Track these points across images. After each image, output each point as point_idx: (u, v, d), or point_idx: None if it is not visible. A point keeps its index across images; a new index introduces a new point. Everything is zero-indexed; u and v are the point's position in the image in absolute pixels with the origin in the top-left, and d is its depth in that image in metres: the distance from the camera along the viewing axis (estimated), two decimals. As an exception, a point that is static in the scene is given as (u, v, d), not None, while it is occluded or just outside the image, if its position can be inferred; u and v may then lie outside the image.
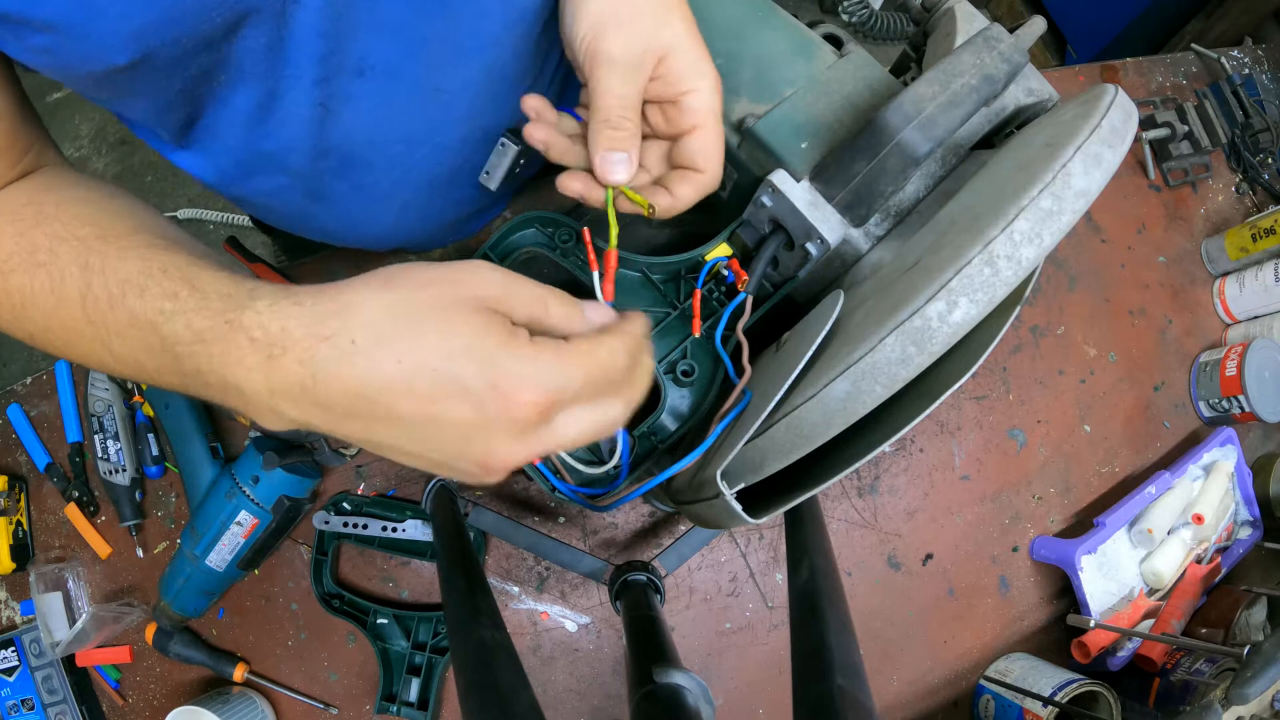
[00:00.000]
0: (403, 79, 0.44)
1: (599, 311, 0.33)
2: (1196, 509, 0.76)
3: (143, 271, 0.33)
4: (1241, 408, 0.79)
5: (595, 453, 0.48)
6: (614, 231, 0.39)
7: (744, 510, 0.37)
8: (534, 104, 0.41)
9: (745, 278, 0.46)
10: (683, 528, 0.70)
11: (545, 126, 0.41)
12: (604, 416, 0.31)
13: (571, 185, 0.41)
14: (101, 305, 0.34)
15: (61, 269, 0.35)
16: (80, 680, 0.68)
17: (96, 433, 0.67)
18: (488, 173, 0.47)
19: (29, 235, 0.36)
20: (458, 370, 0.27)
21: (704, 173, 0.40)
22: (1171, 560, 0.74)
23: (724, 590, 0.71)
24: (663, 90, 0.39)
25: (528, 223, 0.49)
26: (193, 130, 0.44)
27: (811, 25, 0.53)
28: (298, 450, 0.65)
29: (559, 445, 0.31)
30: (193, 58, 0.37)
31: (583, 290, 0.47)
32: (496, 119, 0.50)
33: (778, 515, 0.39)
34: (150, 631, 0.65)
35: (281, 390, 0.29)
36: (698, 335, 0.43)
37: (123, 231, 0.36)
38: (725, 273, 0.48)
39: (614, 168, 0.39)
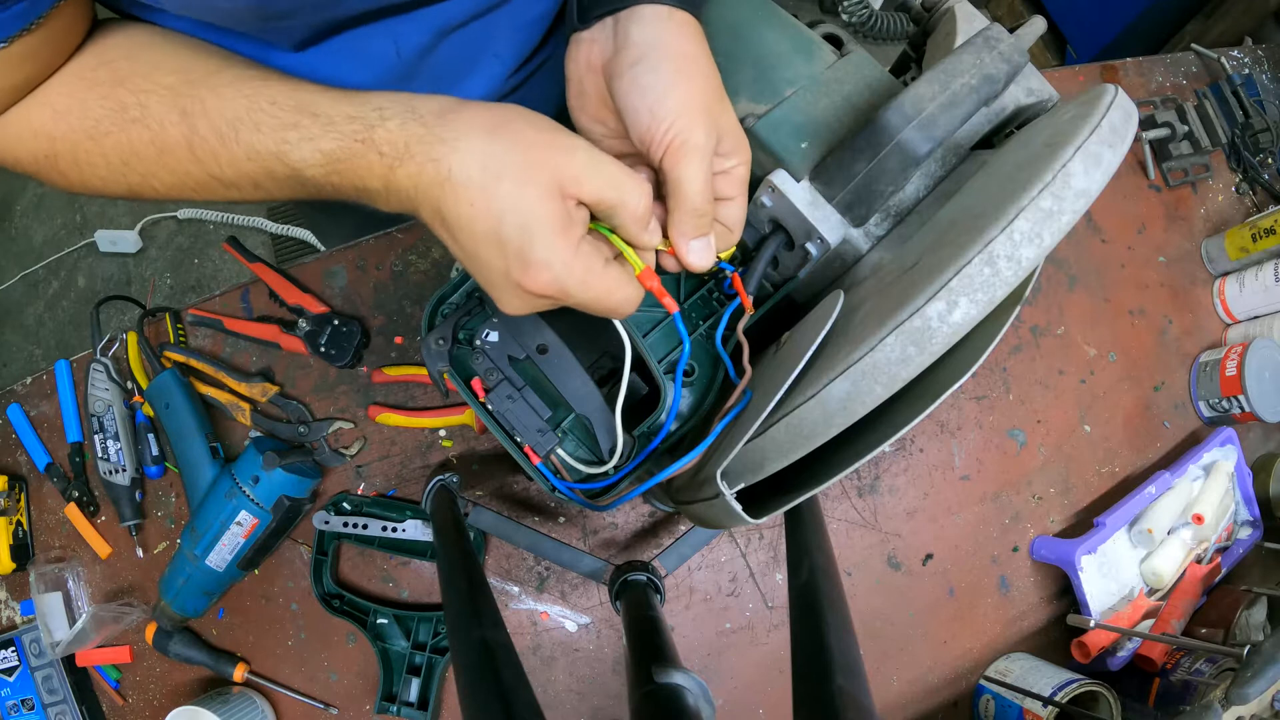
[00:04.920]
0: None
1: (656, 243, 0.38)
2: (1196, 509, 0.76)
3: (250, 108, 0.37)
4: (1241, 408, 0.79)
5: (595, 453, 0.48)
6: (638, 261, 0.40)
7: (744, 510, 0.37)
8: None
9: (744, 295, 0.46)
10: (683, 528, 0.70)
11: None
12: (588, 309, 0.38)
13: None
14: (212, 144, 0.37)
15: (160, 119, 0.38)
16: (80, 680, 0.68)
17: (96, 433, 0.67)
18: None
19: (113, 95, 0.38)
20: (506, 234, 0.34)
21: (734, 233, 0.42)
22: (1171, 560, 0.74)
23: (724, 590, 0.71)
24: (716, 165, 0.40)
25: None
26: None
27: (811, 25, 0.53)
28: (298, 450, 0.65)
29: (567, 301, 0.37)
30: None
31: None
32: None
33: (778, 515, 0.39)
34: (150, 631, 0.65)
35: (394, 190, 0.36)
36: (675, 312, 0.43)
37: (207, 71, 0.38)
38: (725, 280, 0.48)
39: (701, 255, 0.40)
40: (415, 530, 0.65)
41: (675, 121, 0.37)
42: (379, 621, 0.66)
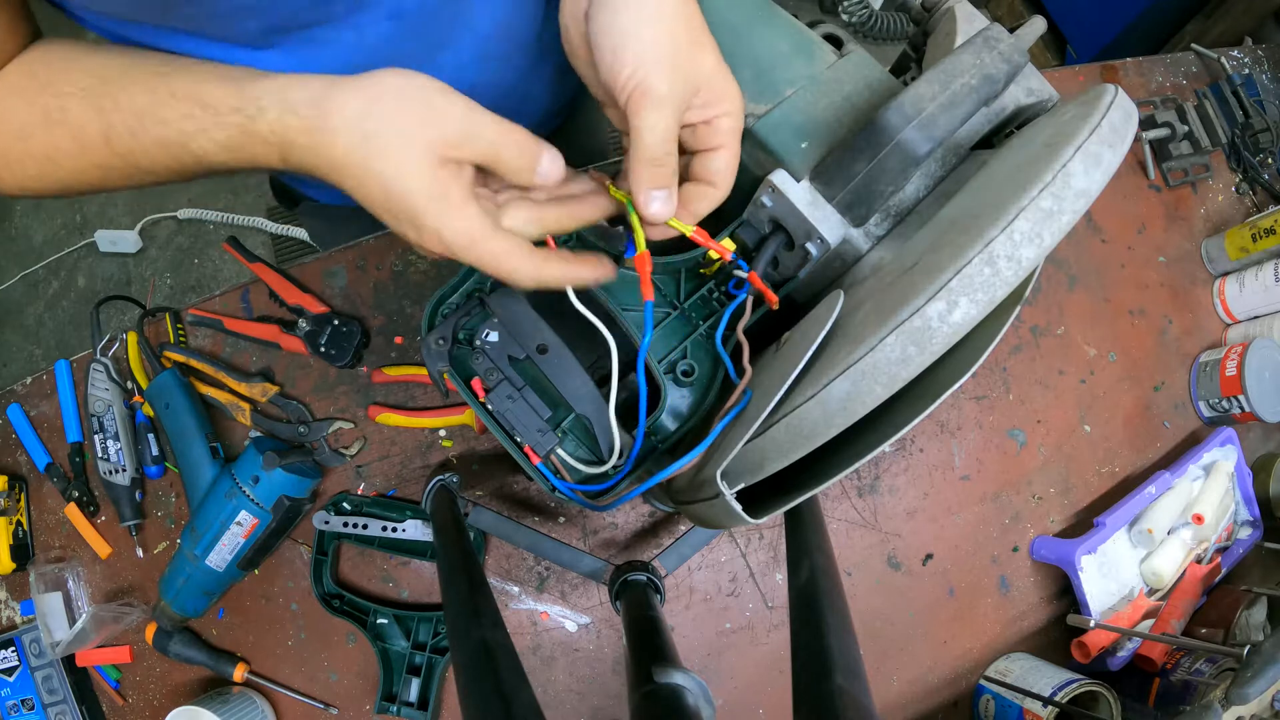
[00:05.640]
0: None
1: (552, 165, 0.38)
2: (1196, 509, 0.76)
3: (154, 102, 0.39)
4: (1241, 408, 0.79)
5: (595, 453, 0.48)
6: (641, 237, 0.41)
7: (744, 510, 0.37)
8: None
9: (768, 293, 0.46)
10: (683, 528, 0.70)
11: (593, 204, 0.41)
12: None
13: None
14: (125, 138, 0.40)
15: (78, 120, 0.40)
16: (80, 680, 0.68)
17: (96, 433, 0.67)
18: None
19: (37, 102, 0.41)
20: (394, 206, 0.36)
21: (719, 189, 0.41)
22: (1171, 560, 0.74)
23: (724, 590, 0.71)
24: (695, 115, 0.39)
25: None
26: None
27: (811, 25, 0.53)
28: (298, 450, 0.65)
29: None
30: None
31: (583, 293, 0.47)
32: None
33: (778, 515, 0.39)
34: (150, 631, 0.65)
35: (296, 167, 0.38)
36: (650, 300, 0.43)
37: (121, 69, 0.41)
38: (738, 274, 0.48)
39: (659, 205, 0.39)
40: (415, 530, 0.65)
41: (638, 69, 0.36)
42: (379, 621, 0.66)
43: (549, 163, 0.38)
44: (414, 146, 0.35)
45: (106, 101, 0.40)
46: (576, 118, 0.77)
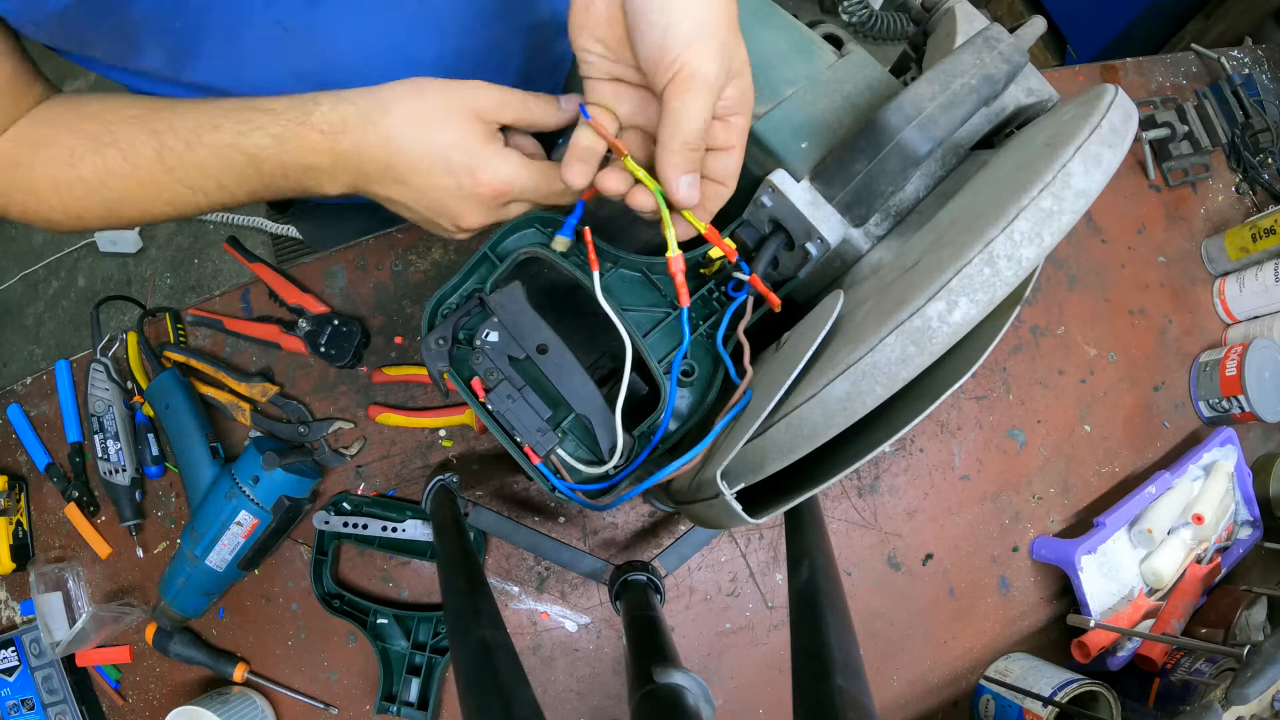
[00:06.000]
0: None
1: (568, 101, 0.45)
2: (1196, 509, 0.76)
3: (209, 116, 0.43)
4: (1241, 408, 0.79)
5: (595, 453, 0.48)
6: (672, 235, 0.42)
7: (744, 510, 0.37)
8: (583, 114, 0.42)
9: (771, 296, 0.46)
10: (683, 528, 0.70)
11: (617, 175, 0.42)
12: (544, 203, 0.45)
13: (613, 184, 0.41)
14: (179, 151, 0.43)
15: (130, 140, 0.43)
16: (80, 680, 0.68)
17: (96, 433, 0.67)
18: None
19: (83, 129, 0.44)
20: (452, 159, 0.42)
21: (728, 188, 0.42)
22: (1171, 560, 0.74)
23: (724, 590, 0.71)
24: (720, 108, 0.39)
25: (527, 223, 0.49)
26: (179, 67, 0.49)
27: (811, 25, 0.53)
28: (298, 450, 0.65)
29: (515, 213, 0.46)
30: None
31: (579, 293, 0.47)
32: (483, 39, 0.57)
33: (778, 515, 0.39)
34: (150, 631, 0.65)
35: (341, 163, 0.42)
36: (684, 307, 0.44)
37: (165, 104, 0.44)
38: (738, 275, 0.48)
39: (689, 190, 0.40)
40: (415, 530, 0.65)
41: (687, 49, 0.36)
42: (379, 621, 0.66)
43: (566, 101, 0.45)
44: (460, 111, 0.42)
45: (160, 123, 0.43)
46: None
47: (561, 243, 0.47)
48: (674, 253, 0.42)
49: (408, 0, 0.52)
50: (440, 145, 0.41)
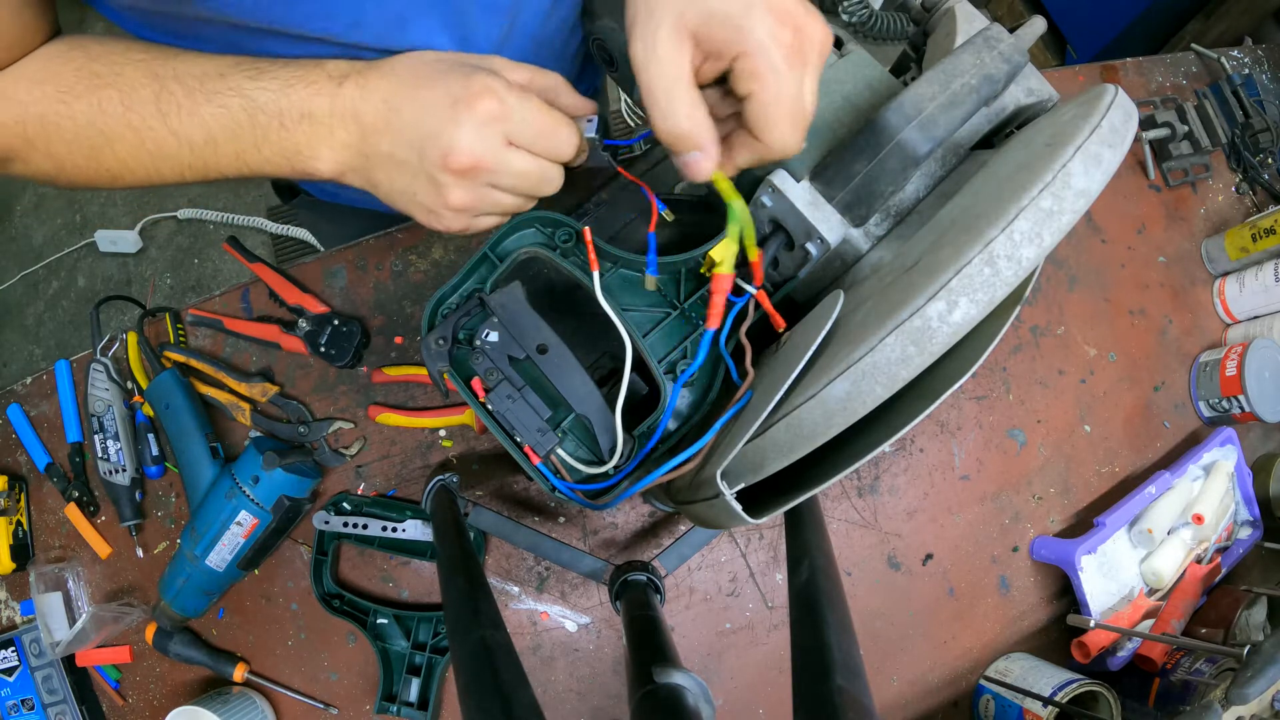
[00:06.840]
0: None
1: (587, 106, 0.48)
2: (1196, 509, 0.76)
3: (218, 65, 0.43)
4: (1241, 408, 0.79)
5: (595, 453, 0.48)
6: (732, 252, 0.43)
7: (744, 510, 0.37)
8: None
9: (775, 315, 0.46)
10: (683, 528, 0.70)
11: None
12: (538, 173, 0.43)
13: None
14: (178, 97, 0.42)
15: (130, 81, 0.43)
16: (80, 680, 0.68)
17: (96, 433, 0.67)
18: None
19: (87, 67, 0.43)
20: (448, 77, 0.41)
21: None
22: (1171, 560, 0.74)
23: (724, 590, 0.71)
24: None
25: (527, 223, 0.49)
26: None
27: (811, 25, 0.53)
28: (298, 450, 0.65)
29: (505, 167, 0.42)
30: None
31: (579, 293, 0.47)
32: None
33: (778, 515, 0.39)
34: (150, 631, 0.65)
35: (339, 109, 0.42)
36: (710, 329, 0.44)
37: (175, 52, 0.44)
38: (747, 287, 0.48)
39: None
40: (415, 530, 0.65)
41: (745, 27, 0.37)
42: (379, 621, 0.66)
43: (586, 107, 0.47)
44: (463, 63, 0.43)
45: (164, 68, 0.43)
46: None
47: (651, 282, 0.48)
48: (728, 269, 0.42)
49: (496, 23, 0.52)
50: (440, 70, 0.42)
